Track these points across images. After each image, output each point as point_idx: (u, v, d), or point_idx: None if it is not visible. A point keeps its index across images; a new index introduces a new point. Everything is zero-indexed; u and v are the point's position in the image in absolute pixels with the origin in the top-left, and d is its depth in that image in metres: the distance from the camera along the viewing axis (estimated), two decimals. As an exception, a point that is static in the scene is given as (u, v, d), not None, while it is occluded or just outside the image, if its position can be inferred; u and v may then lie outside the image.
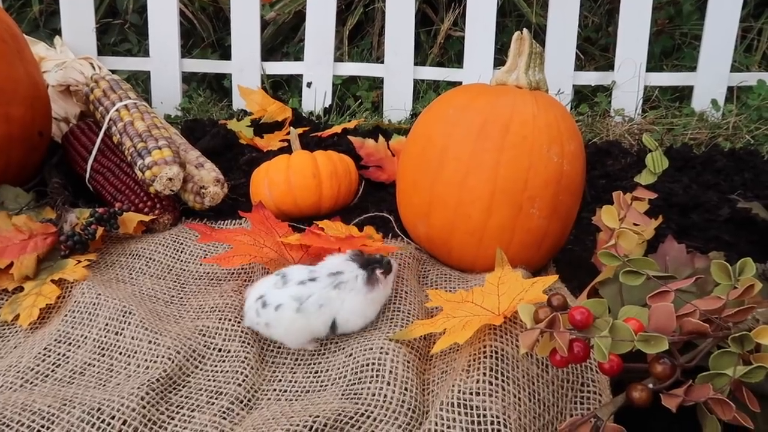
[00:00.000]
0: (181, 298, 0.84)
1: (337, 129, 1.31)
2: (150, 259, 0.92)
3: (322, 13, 1.54)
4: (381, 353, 0.70)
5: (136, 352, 0.72)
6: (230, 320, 0.76)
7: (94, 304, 0.78)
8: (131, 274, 0.89)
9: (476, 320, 0.67)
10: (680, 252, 0.79)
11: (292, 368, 0.74)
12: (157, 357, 0.71)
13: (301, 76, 1.58)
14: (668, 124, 1.51)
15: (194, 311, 0.80)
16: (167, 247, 0.94)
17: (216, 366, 0.71)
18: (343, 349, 0.74)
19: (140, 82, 1.64)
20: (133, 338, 0.73)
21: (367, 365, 0.69)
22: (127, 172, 1.03)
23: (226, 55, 1.63)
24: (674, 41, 1.77)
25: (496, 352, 0.66)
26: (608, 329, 0.57)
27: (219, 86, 1.70)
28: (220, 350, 0.73)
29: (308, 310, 0.73)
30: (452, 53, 1.73)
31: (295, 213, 1.00)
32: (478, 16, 1.54)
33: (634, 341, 0.56)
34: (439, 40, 1.66)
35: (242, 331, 0.75)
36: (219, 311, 0.78)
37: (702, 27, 1.62)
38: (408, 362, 0.69)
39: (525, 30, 0.90)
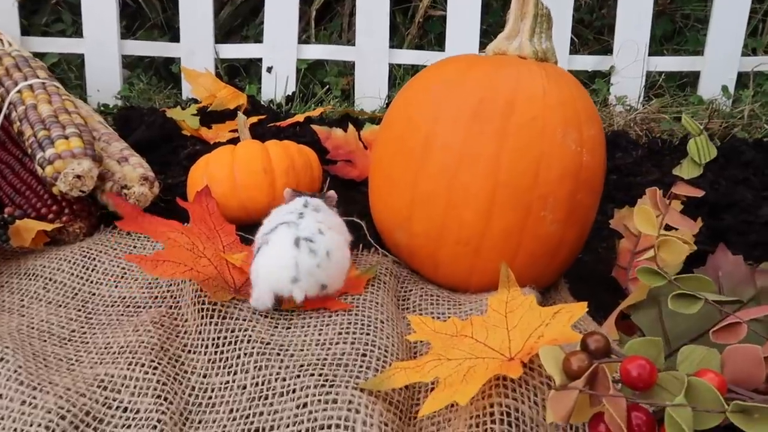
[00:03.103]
0: (84, 333, 0.64)
1: (299, 118, 1.11)
2: (50, 280, 0.71)
3: (285, -12, 1.34)
4: (349, 410, 0.51)
5: (2, 418, 0.51)
6: (143, 365, 0.56)
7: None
8: (23, 300, 0.68)
9: (481, 368, 0.48)
10: (737, 266, 0.61)
11: (225, 427, 0.53)
12: (32, 425, 0.50)
13: (260, 60, 1.38)
14: (675, 113, 1.34)
15: (98, 352, 0.60)
16: (74, 264, 0.73)
17: (118, 434, 0.51)
18: (293, 392, 0.54)
19: (73, 68, 1.42)
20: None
21: (329, 427, 0.50)
22: (29, 168, 0.82)
23: (176, 38, 1.42)
24: (674, 24, 1.61)
25: (508, 414, 0.47)
26: (683, 391, 0.38)
27: (168, 72, 1.49)
28: (125, 410, 0.53)
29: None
30: (432, 35, 1.54)
31: (243, 217, 0.80)
32: (461, -8, 1.36)
33: (725, 411, 0.37)
34: (417, 20, 1.47)
35: (158, 381, 0.55)
36: (130, 353, 0.57)
37: (704, 9, 1.46)
38: (385, 425, 0.50)
39: (529, -15, 0.72)
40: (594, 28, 1.61)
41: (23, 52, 0.96)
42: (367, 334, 0.59)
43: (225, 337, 0.59)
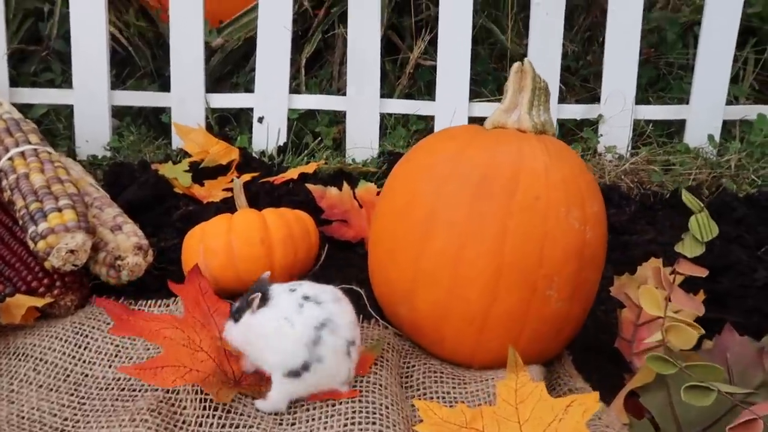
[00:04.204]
0: (77, 422, 0.61)
1: (293, 174, 1.10)
2: (40, 360, 0.68)
3: (276, 39, 1.34)
4: None
5: None
6: (141, 464, 0.54)
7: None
8: (12, 384, 0.66)
9: (494, 472, 0.47)
10: (744, 347, 0.61)
11: None
12: None
13: (251, 109, 1.37)
14: (664, 162, 1.36)
15: (92, 446, 0.58)
16: (66, 341, 0.71)
17: None
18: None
19: (62, 118, 1.40)
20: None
21: None
22: (19, 238, 0.80)
23: (166, 86, 1.41)
24: (659, 71, 1.65)
25: None
26: None
27: (157, 122, 1.48)
28: None
29: None
30: (421, 84, 1.55)
31: (239, 288, 0.78)
32: (451, 42, 1.37)
33: None
34: (408, 70, 1.48)
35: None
36: (127, 448, 0.55)
37: (689, 56, 1.49)
38: None
39: (527, 60, 0.73)
40: (580, 76, 1.64)
41: (14, 114, 0.95)
42: (374, 423, 0.58)
43: (228, 432, 0.57)
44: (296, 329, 0.59)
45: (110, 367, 0.69)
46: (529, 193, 0.63)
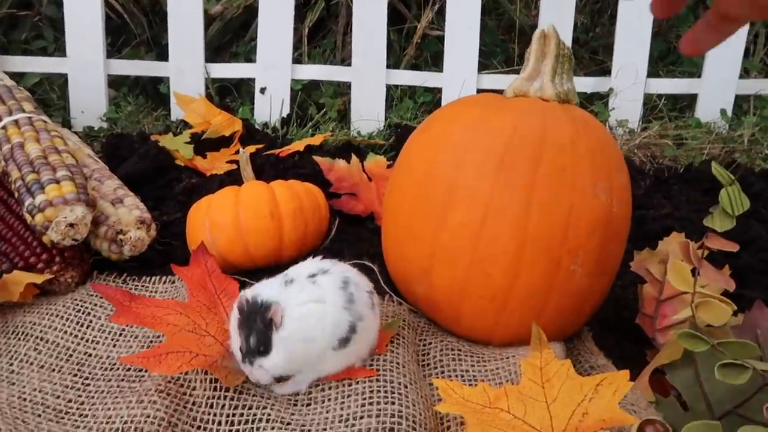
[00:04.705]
0: (82, 403, 0.59)
1: (299, 146, 1.07)
2: (41, 339, 0.65)
3: (278, 6, 1.30)
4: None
5: None
6: (150, 447, 0.51)
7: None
8: (12, 365, 0.63)
9: (526, 456, 0.45)
10: (777, 324, 0.59)
11: None
12: None
13: (253, 80, 1.33)
14: (676, 137, 1.33)
15: (98, 429, 0.55)
16: (68, 320, 0.68)
17: None
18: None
19: (56, 88, 1.35)
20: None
21: None
22: (15, 211, 0.77)
23: (164, 55, 1.36)
24: (669, 44, 1.61)
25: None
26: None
27: (155, 92, 1.43)
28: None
29: None
30: (428, 55, 1.51)
31: (248, 264, 0.75)
32: (460, 12, 1.33)
33: None
34: (415, 40, 1.44)
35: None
36: (135, 430, 0.53)
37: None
38: None
39: (551, 25, 0.69)
40: (589, 48, 1.59)
41: (6, 81, 0.90)
42: (392, 402, 0.55)
43: (241, 414, 0.54)
44: (328, 299, 0.57)
45: (114, 346, 0.66)
46: (555, 164, 0.60)
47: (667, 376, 0.60)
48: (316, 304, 0.56)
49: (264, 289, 0.57)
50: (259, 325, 0.54)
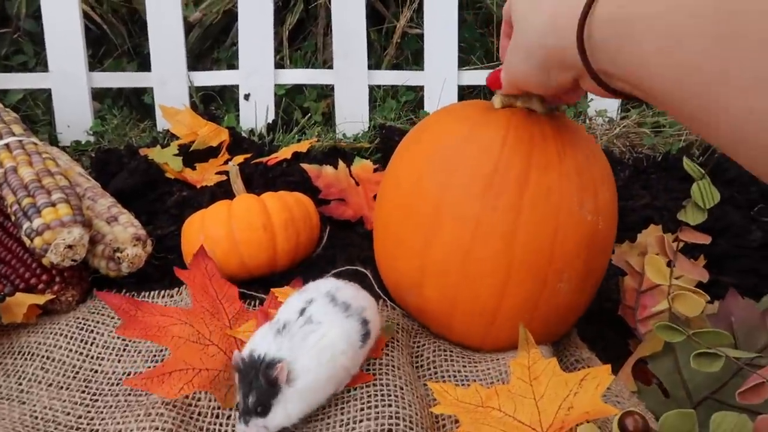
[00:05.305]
0: (92, 419, 0.61)
1: (286, 153, 1.08)
2: (47, 358, 0.68)
3: (258, 11, 1.31)
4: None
5: None
6: (161, 459, 0.54)
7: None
8: (21, 384, 0.65)
9: (517, 452, 0.48)
10: (749, 311, 0.62)
11: None
12: None
13: (236, 87, 1.34)
14: (654, 124, 1.36)
15: (110, 444, 0.57)
16: (72, 338, 0.70)
17: None
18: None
19: (39, 103, 1.36)
20: None
21: None
22: (13, 234, 0.78)
23: (146, 64, 1.37)
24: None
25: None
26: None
27: (139, 103, 1.44)
28: None
29: None
30: (409, 53, 1.53)
31: (243, 275, 0.78)
32: (438, 8, 1.35)
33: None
34: (395, 39, 1.45)
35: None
36: (145, 444, 0.55)
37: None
38: None
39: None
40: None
41: (-7, 104, 0.91)
42: (389, 405, 0.58)
43: (246, 423, 0.57)
44: (324, 321, 0.57)
45: (119, 361, 0.68)
46: (542, 185, 0.61)
47: (649, 366, 0.64)
48: (317, 332, 0.56)
49: (259, 343, 0.54)
50: (261, 384, 0.52)
